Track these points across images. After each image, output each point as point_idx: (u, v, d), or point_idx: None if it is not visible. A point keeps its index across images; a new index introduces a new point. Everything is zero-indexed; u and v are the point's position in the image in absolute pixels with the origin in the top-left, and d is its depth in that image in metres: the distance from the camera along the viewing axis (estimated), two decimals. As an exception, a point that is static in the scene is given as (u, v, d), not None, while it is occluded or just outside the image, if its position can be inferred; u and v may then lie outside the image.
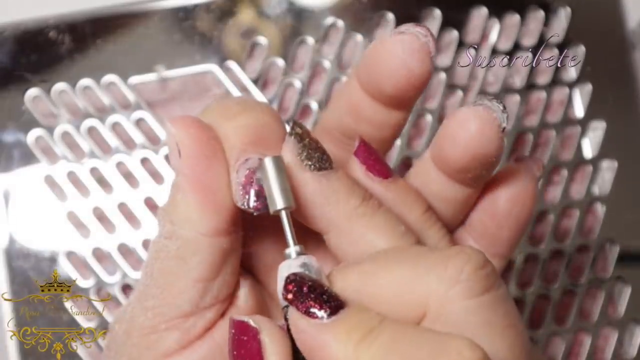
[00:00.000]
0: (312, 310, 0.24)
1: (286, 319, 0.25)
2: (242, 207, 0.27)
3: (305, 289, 0.24)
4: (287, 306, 0.25)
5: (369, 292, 0.25)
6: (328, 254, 0.29)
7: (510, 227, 0.30)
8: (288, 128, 0.28)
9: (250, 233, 0.29)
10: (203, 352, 0.27)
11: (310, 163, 0.27)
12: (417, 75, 0.27)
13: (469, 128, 0.27)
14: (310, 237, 0.29)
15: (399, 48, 0.27)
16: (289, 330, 0.25)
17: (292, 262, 0.26)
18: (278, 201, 0.26)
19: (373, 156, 0.29)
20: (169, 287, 0.27)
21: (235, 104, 0.28)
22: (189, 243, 0.27)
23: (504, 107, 0.27)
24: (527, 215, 0.30)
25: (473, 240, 0.31)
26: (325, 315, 0.24)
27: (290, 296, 0.25)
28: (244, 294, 0.29)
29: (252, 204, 0.26)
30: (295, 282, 0.25)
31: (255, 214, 0.27)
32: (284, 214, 0.26)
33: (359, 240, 0.27)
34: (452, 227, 0.31)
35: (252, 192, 0.26)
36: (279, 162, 0.26)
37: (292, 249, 0.26)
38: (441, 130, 0.28)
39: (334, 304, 0.24)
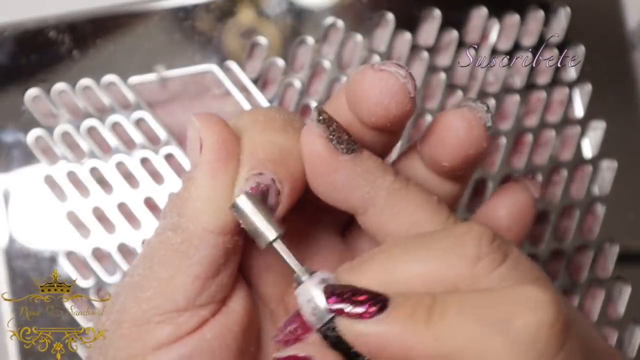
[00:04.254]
0: (362, 310, 0.24)
1: (326, 336, 0.25)
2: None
3: (347, 294, 0.24)
4: (325, 325, 0.25)
5: (395, 290, 0.25)
6: (326, 262, 0.29)
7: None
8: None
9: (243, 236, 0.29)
10: (191, 347, 0.27)
11: (342, 147, 0.27)
12: (396, 116, 0.27)
13: (457, 131, 0.27)
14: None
15: (376, 89, 0.27)
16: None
17: (308, 282, 0.25)
18: (269, 233, 0.26)
19: None
20: (167, 280, 0.27)
21: (279, 117, 0.29)
22: (194, 238, 0.27)
23: (488, 107, 0.28)
24: (526, 231, 0.31)
25: None
26: (378, 311, 0.24)
27: (336, 307, 0.24)
28: (240, 298, 0.29)
29: None
30: (334, 292, 0.25)
31: None
32: (279, 243, 0.26)
33: (400, 214, 0.27)
34: None
35: None
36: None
37: (301, 272, 0.26)
38: (429, 134, 0.28)
39: (381, 298, 0.24)
